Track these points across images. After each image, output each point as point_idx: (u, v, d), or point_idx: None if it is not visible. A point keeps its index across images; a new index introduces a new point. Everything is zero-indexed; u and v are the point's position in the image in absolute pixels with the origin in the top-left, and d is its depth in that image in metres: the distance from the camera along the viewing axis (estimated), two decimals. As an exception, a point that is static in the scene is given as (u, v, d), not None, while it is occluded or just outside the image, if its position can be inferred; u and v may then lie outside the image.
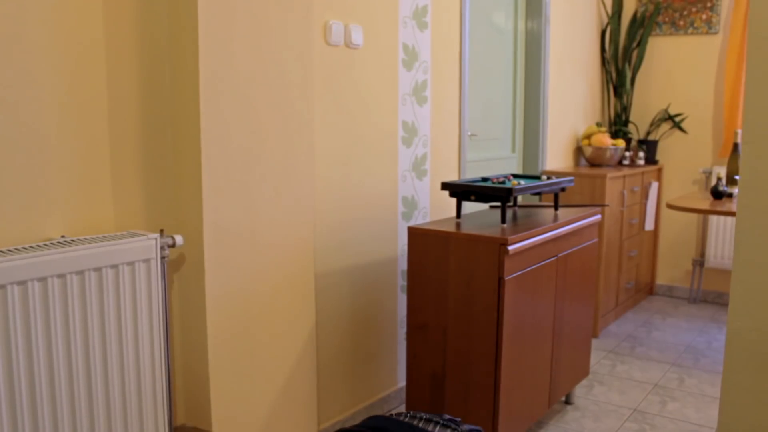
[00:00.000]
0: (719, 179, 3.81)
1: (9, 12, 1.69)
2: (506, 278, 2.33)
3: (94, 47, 1.89)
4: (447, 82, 3.24)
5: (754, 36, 1.61)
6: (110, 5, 1.90)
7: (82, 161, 1.88)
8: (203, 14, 1.92)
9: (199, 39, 1.92)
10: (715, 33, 4.63)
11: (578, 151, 4.65)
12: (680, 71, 4.80)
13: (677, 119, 4.81)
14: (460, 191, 2.63)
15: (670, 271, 5.00)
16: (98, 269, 1.77)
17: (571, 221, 2.76)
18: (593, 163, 4.49)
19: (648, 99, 4.90)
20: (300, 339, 2.38)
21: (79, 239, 1.79)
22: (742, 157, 1.64)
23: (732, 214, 3.56)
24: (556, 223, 2.64)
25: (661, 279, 5.04)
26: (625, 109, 4.83)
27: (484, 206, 3.63)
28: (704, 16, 4.65)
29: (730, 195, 3.77)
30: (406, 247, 3.07)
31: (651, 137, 4.90)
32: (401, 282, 3.05)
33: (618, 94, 4.84)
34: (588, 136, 4.53)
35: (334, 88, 2.58)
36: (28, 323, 1.63)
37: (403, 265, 3.06)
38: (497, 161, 3.92)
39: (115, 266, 1.80)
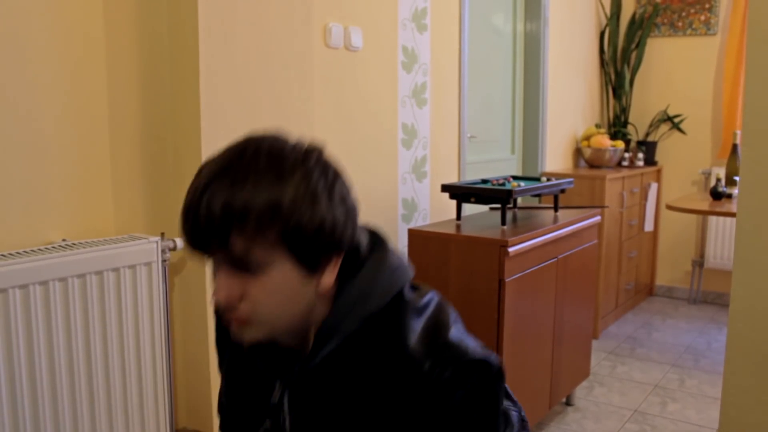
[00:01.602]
0: (718, 180, 3.81)
1: (9, 14, 1.70)
2: (506, 280, 2.33)
3: (94, 51, 1.89)
4: (446, 84, 3.24)
5: (753, 38, 1.61)
6: (110, 8, 1.91)
7: (82, 165, 1.89)
8: (203, 18, 1.93)
9: (199, 42, 1.92)
10: (714, 34, 4.64)
11: (577, 152, 4.66)
12: (679, 72, 4.80)
13: (676, 120, 4.82)
14: (460, 193, 2.63)
15: (670, 272, 5.00)
16: (99, 273, 1.77)
17: (571, 223, 2.77)
18: (592, 165, 4.49)
19: (647, 100, 4.91)
20: (301, 341, 2.38)
21: (80, 243, 1.79)
22: (742, 159, 1.64)
23: (731, 214, 3.56)
24: (556, 224, 2.65)
25: (661, 280, 5.04)
26: (624, 110, 4.84)
27: (484, 208, 3.63)
28: (702, 18, 4.66)
29: (730, 196, 3.77)
30: (406, 249, 3.07)
31: (650, 138, 4.90)
32: (401, 284, 3.05)
33: (617, 95, 4.85)
34: (587, 138, 4.54)
35: (334, 90, 2.58)
36: (29, 327, 1.63)
37: (404, 267, 3.05)
38: (497, 163, 3.93)
39: (116, 269, 1.80)
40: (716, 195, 3.74)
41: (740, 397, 1.58)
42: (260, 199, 0.80)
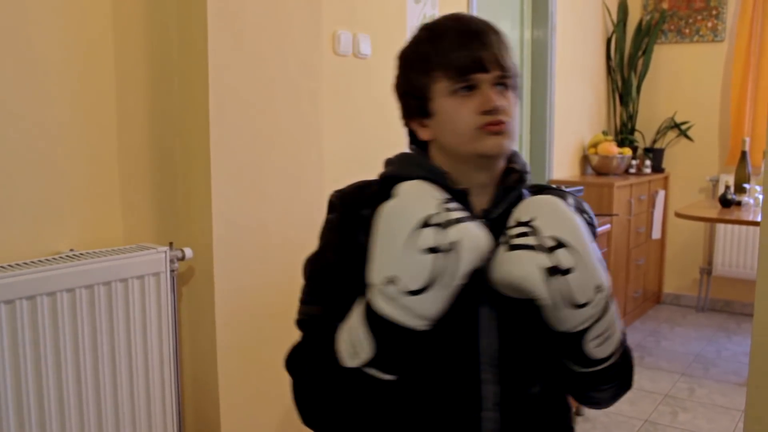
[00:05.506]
0: (727, 187, 3.79)
1: (18, 24, 1.68)
2: (517, 289, 2.30)
3: (103, 63, 1.87)
4: (454, 92, 3.21)
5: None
6: (120, 21, 1.89)
7: (90, 174, 1.87)
8: (212, 27, 1.91)
9: (208, 51, 1.91)
10: (721, 41, 4.62)
11: (584, 159, 4.64)
12: (686, 79, 4.78)
13: (683, 127, 4.79)
14: (469, 201, 2.60)
15: (678, 279, 4.97)
16: (107, 283, 1.75)
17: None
18: (600, 172, 4.47)
19: (654, 107, 4.89)
20: (309, 352, 2.35)
21: (88, 253, 1.77)
22: (765, 168, 1.62)
23: (742, 222, 3.54)
24: (566, 233, 2.62)
25: (669, 288, 5.01)
26: (631, 117, 4.82)
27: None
28: (710, 24, 4.64)
29: (739, 203, 3.74)
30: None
31: (657, 145, 4.88)
32: (409, 293, 3.02)
33: (624, 102, 4.82)
34: (594, 145, 4.52)
35: (342, 98, 2.56)
36: (37, 338, 1.61)
37: (412, 275, 3.03)
38: (504, 170, 3.90)
39: (124, 280, 1.78)
40: (725, 202, 3.72)
41: (765, 412, 1.55)
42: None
